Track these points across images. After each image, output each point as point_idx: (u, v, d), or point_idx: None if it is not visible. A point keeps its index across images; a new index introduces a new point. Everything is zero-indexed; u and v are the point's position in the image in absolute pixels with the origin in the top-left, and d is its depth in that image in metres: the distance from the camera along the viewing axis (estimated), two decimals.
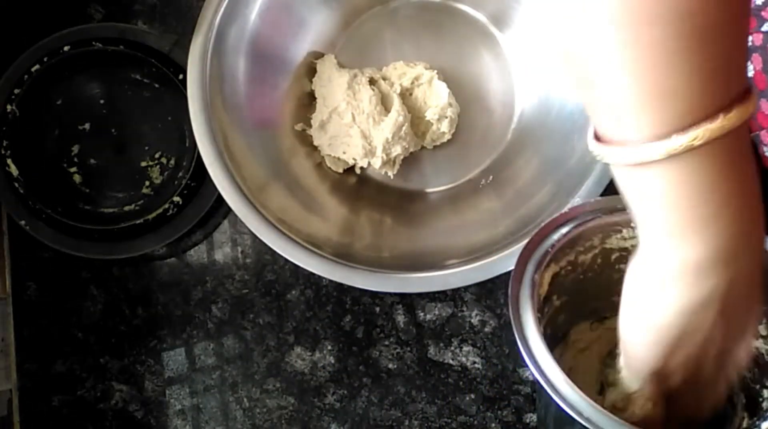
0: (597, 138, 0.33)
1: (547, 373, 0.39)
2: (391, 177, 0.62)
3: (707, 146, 0.30)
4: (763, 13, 0.55)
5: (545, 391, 0.39)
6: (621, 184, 0.34)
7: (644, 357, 0.39)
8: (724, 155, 0.31)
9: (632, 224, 0.43)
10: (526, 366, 0.39)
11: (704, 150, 0.30)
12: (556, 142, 0.59)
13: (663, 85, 0.29)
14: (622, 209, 0.44)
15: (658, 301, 0.36)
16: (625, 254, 0.47)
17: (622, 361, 0.42)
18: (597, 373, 0.50)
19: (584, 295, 0.50)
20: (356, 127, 0.59)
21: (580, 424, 0.38)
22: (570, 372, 0.40)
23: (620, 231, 0.46)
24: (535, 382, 0.41)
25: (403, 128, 0.60)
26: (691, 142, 0.29)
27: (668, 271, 0.34)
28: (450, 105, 0.61)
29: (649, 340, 0.38)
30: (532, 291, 0.42)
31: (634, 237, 0.46)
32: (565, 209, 0.46)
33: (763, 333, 0.47)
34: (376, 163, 0.60)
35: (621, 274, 0.46)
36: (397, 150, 0.60)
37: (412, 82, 0.61)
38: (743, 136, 0.32)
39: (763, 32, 0.55)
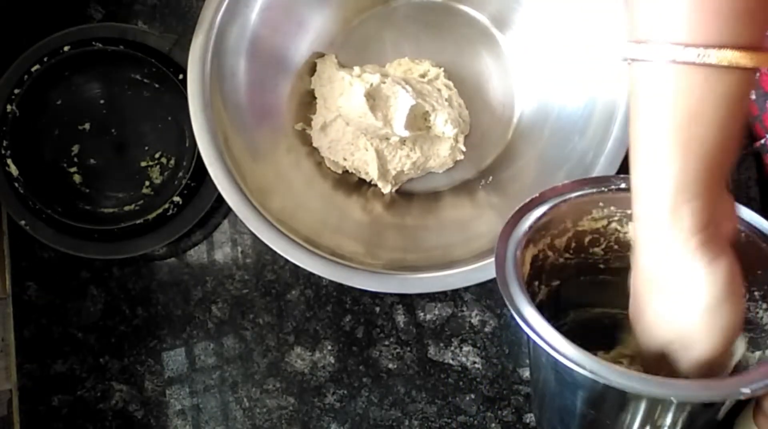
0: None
1: (544, 334, 0.39)
2: (393, 191, 0.62)
3: (728, 72, 0.34)
4: None
5: (541, 348, 0.39)
6: (639, 90, 0.37)
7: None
8: (731, 89, 0.35)
9: (600, 204, 0.48)
10: (524, 331, 0.40)
11: (724, 74, 0.34)
12: (557, 142, 0.59)
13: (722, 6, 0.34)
14: (591, 191, 0.48)
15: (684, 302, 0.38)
16: (597, 236, 0.49)
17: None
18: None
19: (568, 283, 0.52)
20: (367, 142, 0.59)
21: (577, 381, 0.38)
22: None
23: (590, 212, 0.48)
24: (534, 345, 0.42)
25: (418, 165, 0.61)
26: (720, 60, 0.34)
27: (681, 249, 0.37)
28: (462, 121, 0.61)
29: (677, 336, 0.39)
30: (516, 268, 0.44)
31: (603, 217, 0.48)
32: (536, 194, 0.48)
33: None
34: (386, 188, 0.61)
35: (594, 258, 0.49)
36: (409, 176, 0.61)
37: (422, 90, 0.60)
38: (751, 85, 0.36)
39: None
